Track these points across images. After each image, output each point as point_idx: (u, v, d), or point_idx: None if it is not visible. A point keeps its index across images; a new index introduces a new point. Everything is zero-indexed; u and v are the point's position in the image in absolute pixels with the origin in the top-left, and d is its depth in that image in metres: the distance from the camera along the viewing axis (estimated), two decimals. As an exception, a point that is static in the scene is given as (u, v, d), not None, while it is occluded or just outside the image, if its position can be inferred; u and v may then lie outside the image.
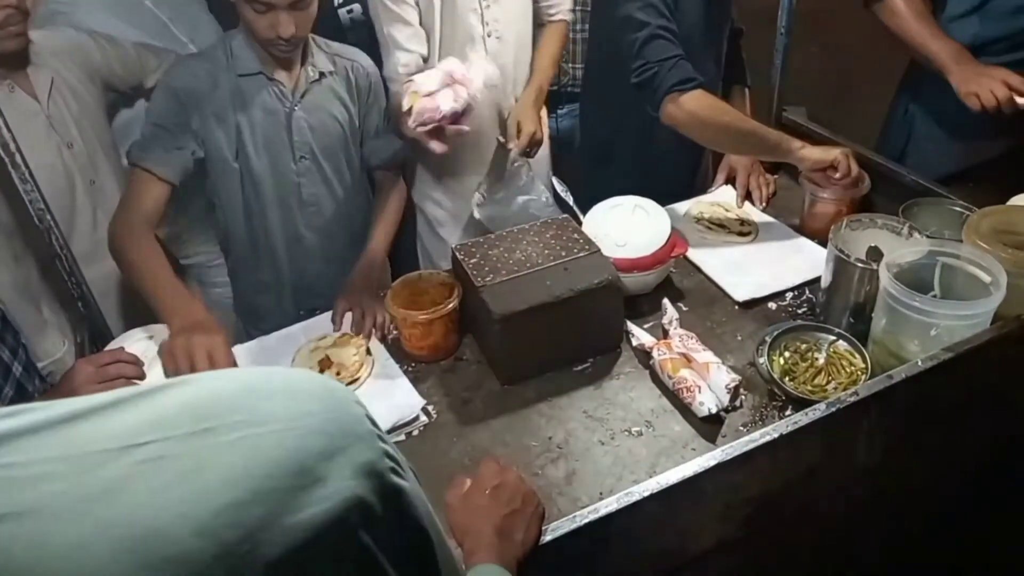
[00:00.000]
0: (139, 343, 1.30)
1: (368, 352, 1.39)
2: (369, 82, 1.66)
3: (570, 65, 2.18)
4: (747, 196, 1.82)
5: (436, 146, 1.50)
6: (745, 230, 1.68)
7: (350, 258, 1.66)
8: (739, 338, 1.42)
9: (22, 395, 1.20)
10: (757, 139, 1.58)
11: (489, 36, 1.80)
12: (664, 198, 1.64)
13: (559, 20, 1.93)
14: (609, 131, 1.86)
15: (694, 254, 1.61)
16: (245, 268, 1.73)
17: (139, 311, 1.63)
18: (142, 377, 1.23)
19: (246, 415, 0.39)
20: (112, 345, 1.31)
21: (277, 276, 1.70)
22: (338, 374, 1.34)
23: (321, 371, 1.35)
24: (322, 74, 1.58)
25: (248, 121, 1.54)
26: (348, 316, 1.49)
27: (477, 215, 1.89)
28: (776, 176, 1.92)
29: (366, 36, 1.82)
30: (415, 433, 1.26)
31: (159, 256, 1.40)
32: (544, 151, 2.41)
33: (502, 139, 1.82)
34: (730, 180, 1.87)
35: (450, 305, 1.35)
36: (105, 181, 1.62)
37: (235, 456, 0.37)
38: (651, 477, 1.01)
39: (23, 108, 1.50)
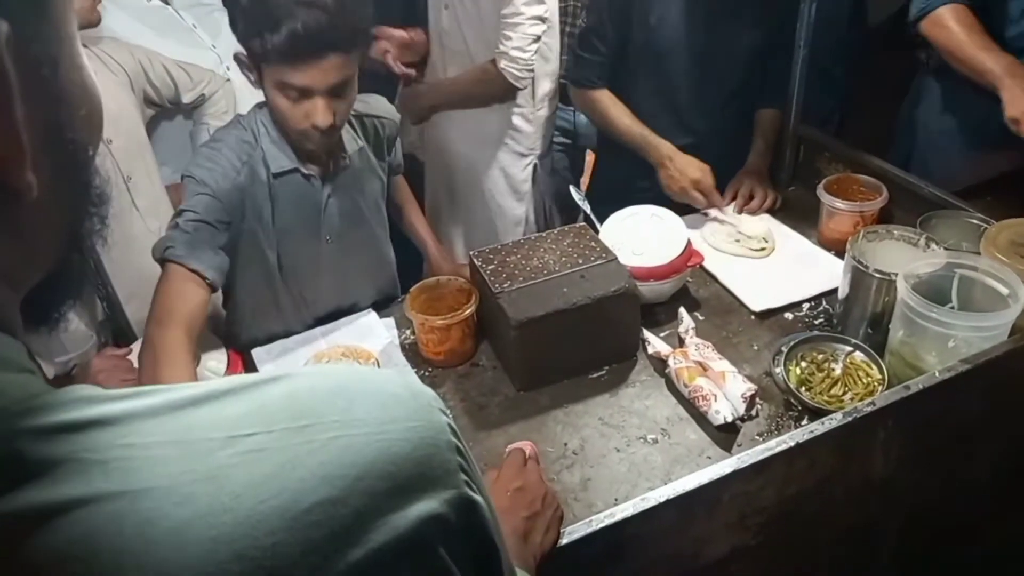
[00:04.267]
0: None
1: (377, 365, 1.40)
2: (397, 131, 1.59)
3: None
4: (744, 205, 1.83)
5: None
6: (759, 246, 1.69)
7: (375, 288, 1.65)
8: (755, 348, 1.42)
9: None
10: (628, 139, 1.81)
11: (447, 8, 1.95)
12: (676, 203, 1.66)
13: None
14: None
15: (711, 264, 1.62)
16: (250, 317, 1.56)
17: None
18: None
19: (340, 415, 0.40)
20: (136, 347, 1.33)
21: (287, 325, 1.57)
22: None
23: None
24: (351, 158, 1.45)
25: (278, 214, 1.42)
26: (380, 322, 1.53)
27: None
28: (792, 188, 1.92)
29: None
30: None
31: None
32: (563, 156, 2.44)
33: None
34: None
35: (467, 311, 1.36)
36: (140, 179, 1.65)
37: (329, 455, 0.38)
38: (666, 484, 1.02)
39: None
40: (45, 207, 0.40)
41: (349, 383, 0.42)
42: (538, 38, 1.89)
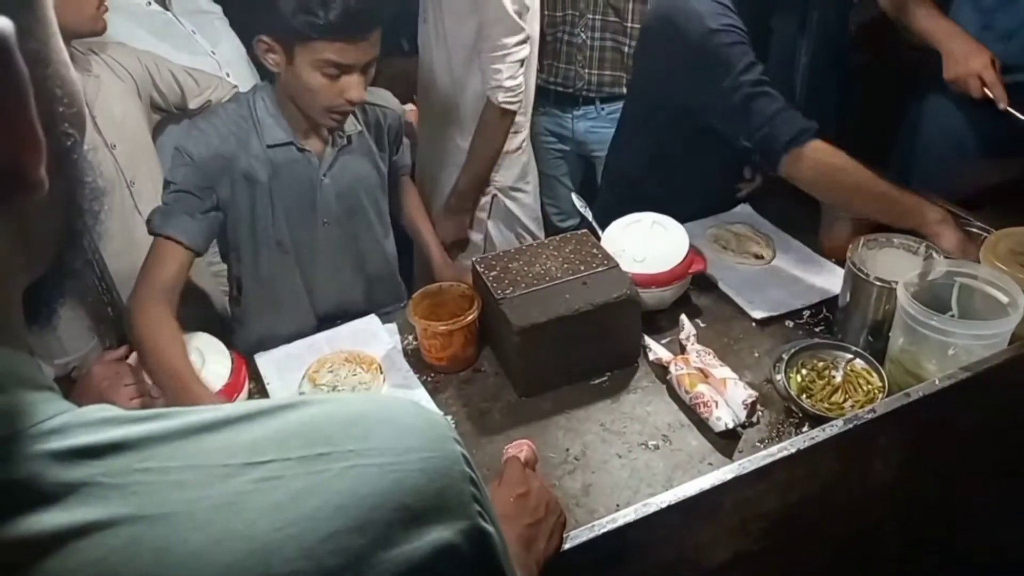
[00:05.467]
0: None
1: (380, 370, 1.40)
2: (400, 125, 1.61)
3: (586, 71, 2.21)
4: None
5: None
6: (759, 252, 1.70)
7: (376, 282, 1.67)
8: (756, 355, 1.42)
9: None
10: (887, 203, 1.43)
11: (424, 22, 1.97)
12: (682, 217, 1.66)
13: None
14: (645, 159, 1.82)
15: (712, 271, 1.62)
16: (257, 309, 1.62)
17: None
18: None
19: (356, 444, 0.40)
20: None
21: (293, 320, 1.61)
22: (352, 390, 1.35)
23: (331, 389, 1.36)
24: (350, 138, 1.48)
25: (274, 189, 1.45)
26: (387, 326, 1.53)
27: None
28: (793, 195, 1.93)
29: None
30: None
31: (175, 343, 1.27)
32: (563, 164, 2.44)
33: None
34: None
35: (470, 317, 1.37)
36: (144, 184, 1.66)
37: (344, 485, 0.38)
38: (668, 490, 1.02)
39: None
40: (47, 204, 0.40)
41: (365, 412, 0.43)
42: (524, 60, 1.89)
